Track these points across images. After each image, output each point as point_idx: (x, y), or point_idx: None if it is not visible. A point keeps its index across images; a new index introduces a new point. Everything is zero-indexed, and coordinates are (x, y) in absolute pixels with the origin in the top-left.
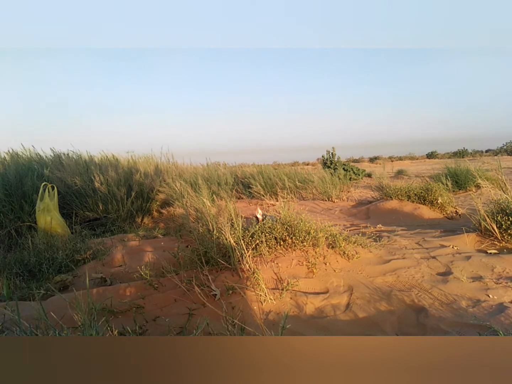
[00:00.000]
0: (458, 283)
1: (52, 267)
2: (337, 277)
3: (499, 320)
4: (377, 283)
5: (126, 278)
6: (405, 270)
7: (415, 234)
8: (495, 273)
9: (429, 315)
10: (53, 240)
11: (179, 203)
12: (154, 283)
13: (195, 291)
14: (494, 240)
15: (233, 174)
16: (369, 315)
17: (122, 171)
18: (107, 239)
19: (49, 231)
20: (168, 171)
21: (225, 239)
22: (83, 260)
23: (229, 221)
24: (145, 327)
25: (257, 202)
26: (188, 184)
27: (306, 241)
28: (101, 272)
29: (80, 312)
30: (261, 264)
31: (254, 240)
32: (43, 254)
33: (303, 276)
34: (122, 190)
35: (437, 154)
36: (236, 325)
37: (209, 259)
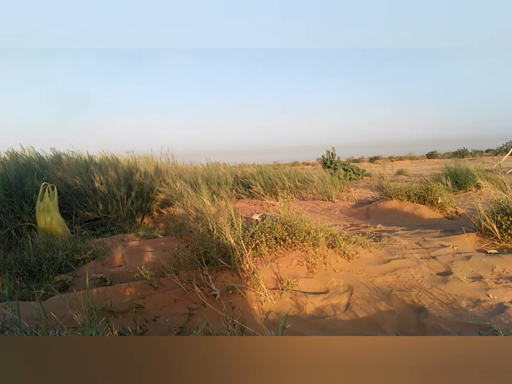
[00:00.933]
0: (458, 283)
1: (52, 267)
2: (337, 277)
3: (499, 320)
4: (377, 283)
5: (126, 278)
6: (405, 270)
7: (415, 234)
8: (495, 273)
9: (429, 315)
10: (53, 240)
11: (179, 203)
12: (154, 283)
13: (195, 291)
14: (494, 240)
15: (233, 174)
16: (369, 315)
17: (122, 171)
18: (107, 239)
19: (49, 231)
20: (168, 171)
21: (225, 239)
22: (83, 260)
23: (229, 221)
24: (145, 327)
25: (257, 202)
26: (188, 184)
27: (306, 241)
28: (101, 272)
29: (80, 312)
30: (261, 264)
31: (254, 240)
32: (43, 254)
33: (303, 276)
34: (122, 190)
35: (437, 154)
36: (236, 325)
37: (209, 259)
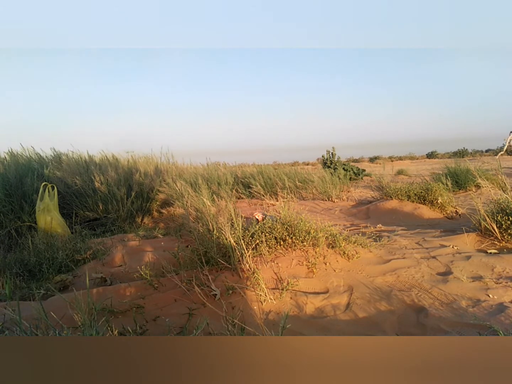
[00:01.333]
0: (458, 283)
1: (52, 267)
2: (337, 277)
3: (499, 320)
4: (377, 283)
5: (126, 278)
6: (405, 270)
7: (415, 234)
8: (495, 272)
9: (429, 315)
10: (53, 240)
11: (179, 203)
12: (154, 283)
13: (195, 291)
14: (494, 240)
15: (233, 174)
16: (369, 315)
17: (122, 171)
18: (107, 239)
19: (49, 231)
20: (168, 171)
21: (225, 239)
22: (83, 260)
23: (229, 221)
24: (145, 327)
25: (257, 202)
26: (188, 184)
27: (306, 241)
28: (101, 272)
29: (80, 312)
30: (261, 264)
31: (254, 240)
32: (43, 254)
33: (303, 276)
34: (122, 190)
35: (437, 154)
36: (236, 325)
37: (209, 259)
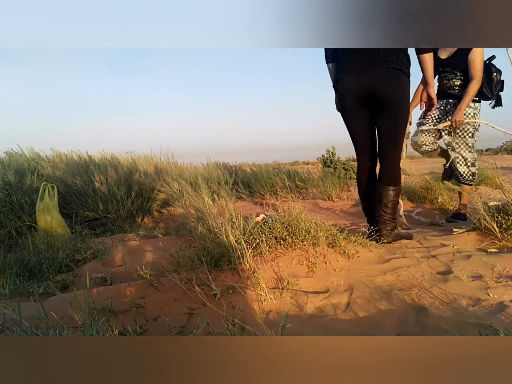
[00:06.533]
0: (458, 282)
1: (53, 267)
2: (337, 276)
3: (500, 319)
4: (377, 282)
5: (127, 278)
6: (405, 269)
7: (415, 233)
8: (495, 272)
9: (429, 314)
10: (53, 240)
11: (179, 202)
12: (154, 283)
13: (195, 290)
14: (494, 239)
15: (233, 174)
16: (370, 314)
17: (122, 171)
18: (107, 239)
19: (49, 231)
20: (168, 170)
21: (226, 238)
22: (84, 260)
23: (229, 220)
24: (146, 326)
25: (257, 202)
26: (188, 184)
27: (306, 240)
28: (102, 272)
29: (81, 312)
30: (261, 263)
31: (254, 239)
32: (43, 254)
33: (303, 276)
34: (122, 190)
35: None
36: (237, 325)
37: (209, 259)
